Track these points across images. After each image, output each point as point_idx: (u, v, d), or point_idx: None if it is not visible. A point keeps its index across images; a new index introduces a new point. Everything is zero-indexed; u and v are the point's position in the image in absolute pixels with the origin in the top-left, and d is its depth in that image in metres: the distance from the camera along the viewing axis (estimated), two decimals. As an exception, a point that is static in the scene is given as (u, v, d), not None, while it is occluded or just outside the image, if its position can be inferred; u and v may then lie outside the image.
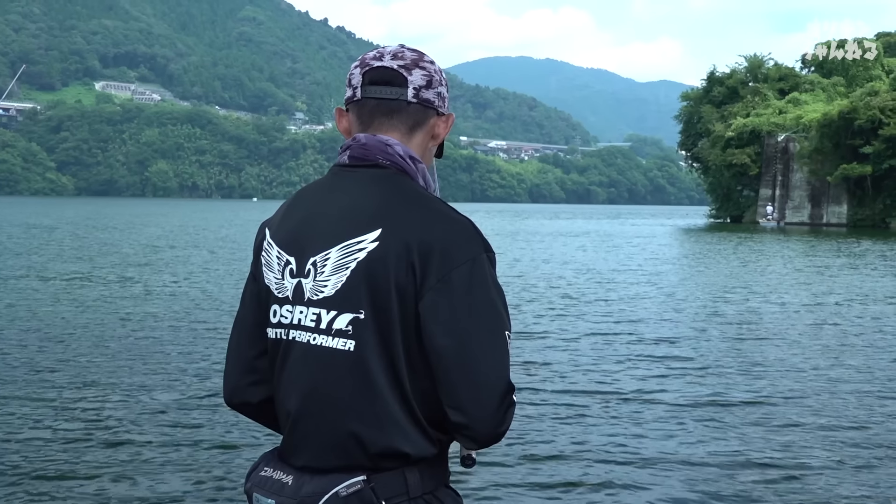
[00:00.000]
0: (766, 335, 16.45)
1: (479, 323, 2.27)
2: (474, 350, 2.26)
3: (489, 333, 2.28)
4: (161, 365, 12.47)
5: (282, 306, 2.41)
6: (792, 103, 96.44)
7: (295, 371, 2.37)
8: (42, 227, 58.57)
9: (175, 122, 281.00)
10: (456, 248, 2.27)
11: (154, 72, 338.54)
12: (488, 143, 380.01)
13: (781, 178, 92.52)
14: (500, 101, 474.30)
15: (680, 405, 10.59)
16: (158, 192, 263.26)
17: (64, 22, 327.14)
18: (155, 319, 17.05)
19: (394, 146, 2.40)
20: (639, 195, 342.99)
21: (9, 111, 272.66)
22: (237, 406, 2.58)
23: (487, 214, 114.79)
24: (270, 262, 2.45)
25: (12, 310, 18.11)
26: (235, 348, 2.56)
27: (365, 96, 2.44)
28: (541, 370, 12.55)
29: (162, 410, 9.90)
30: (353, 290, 2.29)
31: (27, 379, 11.36)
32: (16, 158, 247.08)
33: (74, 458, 8.08)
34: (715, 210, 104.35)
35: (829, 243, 51.29)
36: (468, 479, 7.58)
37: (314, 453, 2.35)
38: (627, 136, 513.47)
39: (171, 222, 71.95)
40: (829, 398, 11.13)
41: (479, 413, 2.27)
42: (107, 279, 24.89)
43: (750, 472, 8.14)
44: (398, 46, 2.52)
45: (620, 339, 15.56)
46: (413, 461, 2.32)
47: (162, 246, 40.36)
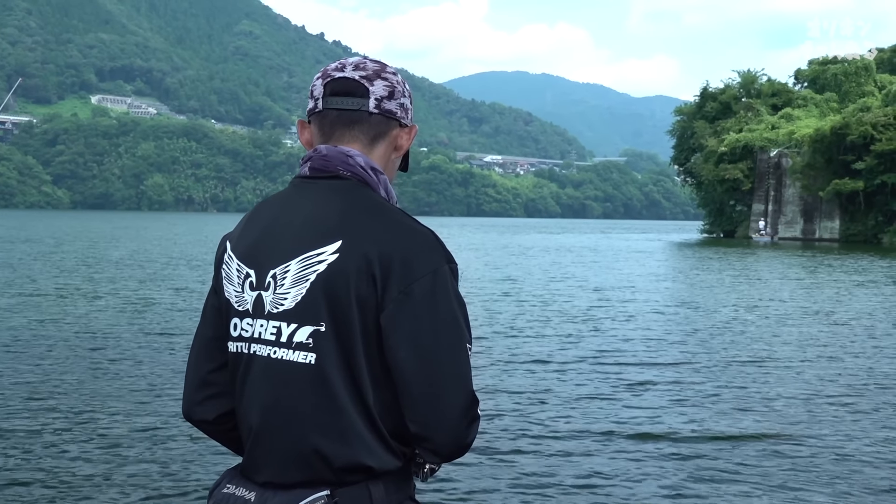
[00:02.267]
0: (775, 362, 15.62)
1: (441, 336, 2.25)
2: (436, 363, 2.25)
3: (451, 346, 2.26)
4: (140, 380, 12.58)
5: (242, 319, 2.38)
6: (785, 119, 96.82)
7: (256, 385, 2.34)
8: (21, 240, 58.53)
9: (171, 135, 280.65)
10: (417, 259, 2.25)
11: (150, 85, 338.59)
12: (484, 157, 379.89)
13: (774, 193, 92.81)
14: (495, 115, 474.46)
15: (679, 439, 10.08)
16: (154, 205, 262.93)
17: (60, 35, 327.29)
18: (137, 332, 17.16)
19: (355, 157, 2.39)
20: (634, 210, 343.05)
21: (4, 124, 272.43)
22: (196, 423, 2.55)
23: (472, 230, 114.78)
24: (230, 275, 2.42)
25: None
26: (194, 363, 2.53)
27: (326, 107, 2.43)
28: (531, 396, 12.12)
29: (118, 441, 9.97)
30: (314, 303, 2.27)
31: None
32: (11, 172, 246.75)
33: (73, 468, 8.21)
34: (708, 225, 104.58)
35: (835, 260, 51.07)
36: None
37: (277, 468, 2.32)
38: (623, 151, 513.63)
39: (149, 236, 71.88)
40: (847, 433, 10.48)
41: (440, 426, 2.26)
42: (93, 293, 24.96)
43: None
44: (360, 58, 2.49)
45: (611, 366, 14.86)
46: (377, 475, 2.29)
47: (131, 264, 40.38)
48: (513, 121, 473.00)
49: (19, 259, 38.21)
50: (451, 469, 8.05)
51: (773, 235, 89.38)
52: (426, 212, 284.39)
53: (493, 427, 10.10)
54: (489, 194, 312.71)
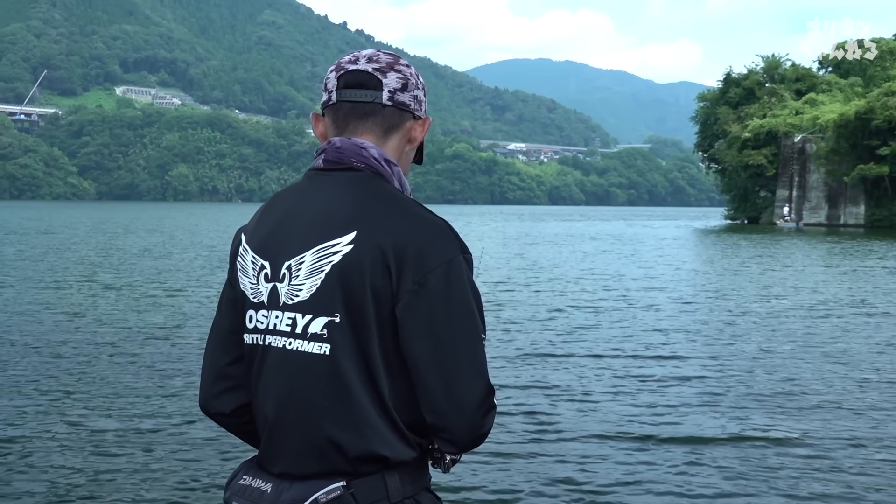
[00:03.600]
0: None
1: (456, 326, 2.26)
2: (451, 354, 2.25)
3: (466, 337, 2.27)
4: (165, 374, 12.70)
5: (257, 311, 2.38)
6: (809, 104, 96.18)
7: (271, 376, 2.35)
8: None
9: (195, 126, 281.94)
10: (432, 250, 2.26)
11: (174, 76, 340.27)
12: (507, 145, 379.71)
13: (798, 178, 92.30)
14: (519, 103, 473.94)
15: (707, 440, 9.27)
16: (179, 195, 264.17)
17: (85, 27, 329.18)
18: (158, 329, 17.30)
19: (368, 149, 2.39)
20: (659, 197, 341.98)
21: (31, 116, 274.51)
22: (213, 416, 2.56)
23: (492, 218, 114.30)
24: (246, 267, 2.43)
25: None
26: (210, 356, 2.54)
27: (340, 100, 2.43)
28: (550, 388, 11.54)
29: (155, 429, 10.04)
30: (328, 294, 2.27)
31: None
32: (38, 163, 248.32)
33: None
34: (732, 211, 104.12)
35: (863, 245, 50.12)
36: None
37: (292, 459, 2.33)
38: (647, 138, 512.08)
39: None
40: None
41: (457, 416, 2.27)
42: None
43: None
44: (374, 51, 2.50)
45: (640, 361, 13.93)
46: (392, 465, 2.30)
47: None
48: (536, 108, 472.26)
49: (46, 251, 38.49)
50: (469, 472, 7.91)
51: (798, 221, 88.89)
52: (450, 200, 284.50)
53: (510, 426, 9.48)
54: (513, 182, 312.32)
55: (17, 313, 18.18)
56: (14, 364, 12.64)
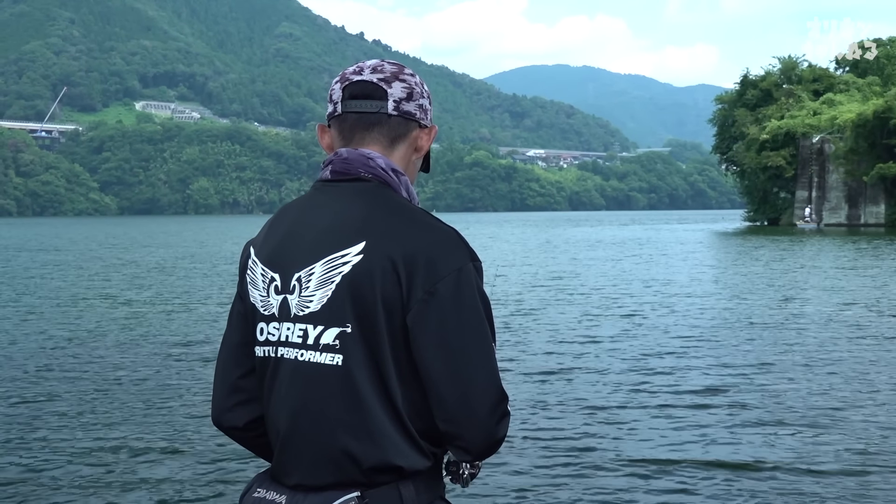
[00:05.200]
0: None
1: (467, 334, 2.26)
2: (464, 362, 2.26)
3: (478, 344, 2.28)
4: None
5: (268, 324, 2.39)
6: (826, 104, 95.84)
7: (284, 388, 2.35)
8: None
9: (215, 139, 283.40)
10: (441, 258, 2.26)
11: (193, 90, 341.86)
12: (527, 151, 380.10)
13: (817, 179, 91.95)
14: (537, 109, 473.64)
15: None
16: (200, 209, 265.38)
17: (103, 44, 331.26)
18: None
19: (375, 159, 2.40)
20: (680, 200, 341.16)
21: (51, 133, 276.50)
22: (226, 430, 2.56)
23: (512, 226, 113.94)
24: (255, 280, 2.43)
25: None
26: (222, 369, 2.54)
27: (346, 111, 2.44)
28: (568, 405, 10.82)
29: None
30: (339, 304, 2.27)
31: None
32: (59, 180, 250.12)
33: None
34: (752, 213, 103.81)
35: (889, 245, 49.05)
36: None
37: (307, 471, 2.33)
38: (667, 142, 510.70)
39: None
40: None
41: (471, 424, 2.28)
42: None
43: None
44: (378, 61, 2.51)
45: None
46: (407, 475, 2.30)
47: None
48: (555, 114, 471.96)
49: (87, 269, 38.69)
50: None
51: (819, 222, 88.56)
52: (470, 208, 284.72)
53: (531, 447, 8.91)
54: (533, 189, 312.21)
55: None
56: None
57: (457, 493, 7.10)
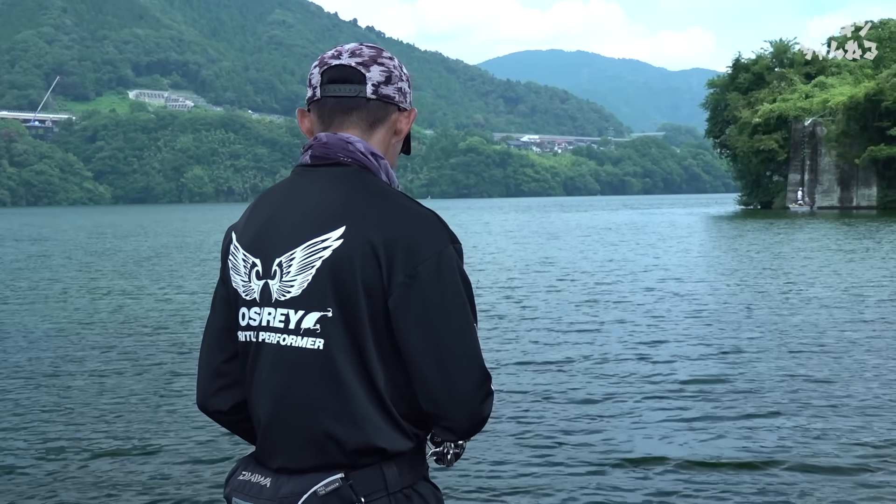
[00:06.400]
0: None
1: (450, 315, 2.29)
2: (446, 343, 2.28)
3: (460, 325, 2.30)
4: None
5: (250, 309, 2.41)
6: (818, 87, 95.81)
7: (266, 372, 2.37)
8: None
9: (209, 127, 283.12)
10: (421, 241, 2.28)
11: (186, 78, 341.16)
12: (521, 137, 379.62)
13: (810, 162, 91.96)
14: (531, 94, 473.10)
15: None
16: (195, 197, 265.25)
17: (96, 32, 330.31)
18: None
19: (354, 143, 2.41)
20: (674, 184, 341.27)
21: (45, 122, 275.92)
22: (211, 414, 2.58)
23: (505, 212, 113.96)
24: (237, 265, 2.45)
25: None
26: (206, 354, 2.56)
27: (324, 95, 2.45)
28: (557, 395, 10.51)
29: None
30: (320, 289, 2.29)
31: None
32: (53, 169, 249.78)
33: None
34: (745, 197, 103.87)
35: (882, 228, 48.92)
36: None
37: (290, 454, 2.35)
38: (661, 126, 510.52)
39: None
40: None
41: (454, 403, 2.30)
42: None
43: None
44: (357, 44, 2.51)
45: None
46: (390, 456, 2.32)
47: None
48: (549, 99, 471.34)
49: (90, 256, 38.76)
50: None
51: (812, 205, 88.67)
52: (464, 194, 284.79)
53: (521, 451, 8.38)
54: (527, 174, 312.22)
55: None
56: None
57: (447, 485, 7.18)
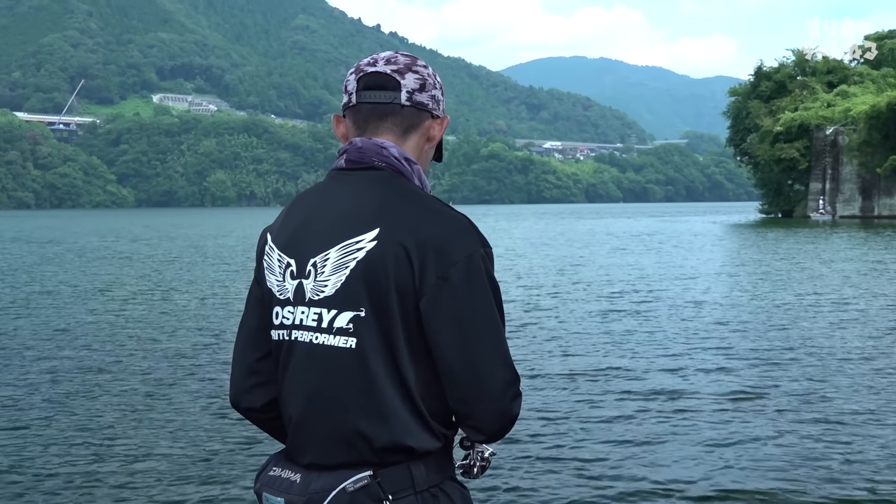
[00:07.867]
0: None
1: (479, 317, 2.34)
2: (476, 344, 2.33)
3: (489, 327, 2.35)
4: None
5: (284, 307, 2.46)
6: (840, 96, 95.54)
7: (298, 370, 2.43)
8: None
9: (232, 131, 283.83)
10: (453, 244, 2.33)
11: (210, 83, 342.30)
12: (543, 143, 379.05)
13: (831, 171, 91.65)
14: (554, 101, 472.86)
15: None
16: (217, 201, 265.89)
17: (121, 36, 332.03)
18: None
19: (389, 148, 2.46)
20: (697, 192, 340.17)
21: (69, 125, 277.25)
22: (243, 411, 2.65)
23: (524, 219, 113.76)
24: (272, 265, 2.51)
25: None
26: (240, 352, 2.62)
27: (360, 101, 2.52)
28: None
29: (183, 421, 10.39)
30: (353, 289, 2.34)
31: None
32: (77, 172, 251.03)
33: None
34: (766, 205, 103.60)
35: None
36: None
37: (320, 450, 2.40)
38: (684, 133, 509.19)
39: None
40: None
41: (484, 404, 2.35)
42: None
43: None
44: (392, 52, 2.57)
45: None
46: (418, 455, 2.37)
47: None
48: (571, 106, 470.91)
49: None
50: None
51: (833, 214, 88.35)
52: (486, 200, 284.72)
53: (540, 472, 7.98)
54: (549, 181, 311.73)
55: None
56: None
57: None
